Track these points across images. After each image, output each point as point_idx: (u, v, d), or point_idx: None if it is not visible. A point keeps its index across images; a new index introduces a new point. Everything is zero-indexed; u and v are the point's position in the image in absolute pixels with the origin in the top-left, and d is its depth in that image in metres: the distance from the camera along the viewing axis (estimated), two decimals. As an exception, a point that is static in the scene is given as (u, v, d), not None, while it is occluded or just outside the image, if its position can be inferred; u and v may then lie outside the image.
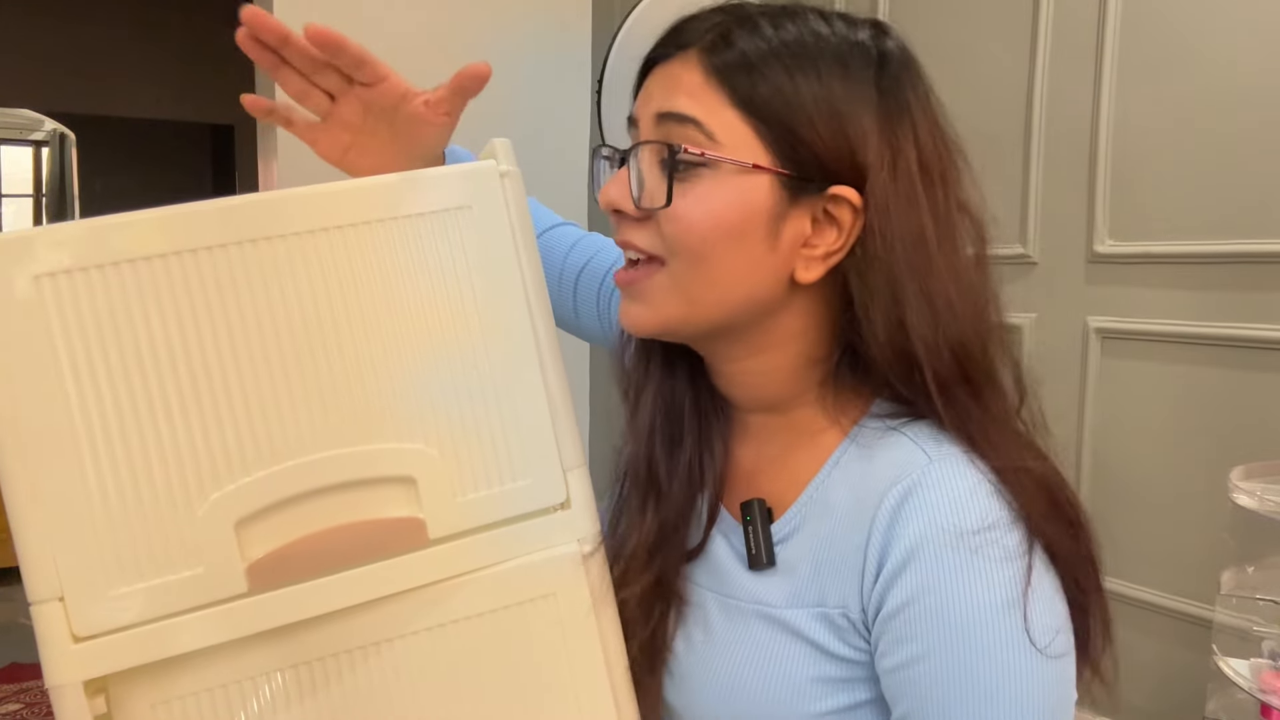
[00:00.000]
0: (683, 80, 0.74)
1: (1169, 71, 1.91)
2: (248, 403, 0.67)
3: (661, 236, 0.74)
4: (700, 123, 0.72)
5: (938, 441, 0.73)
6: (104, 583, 0.65)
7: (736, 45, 0.73)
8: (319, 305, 0.69)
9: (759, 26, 0.74)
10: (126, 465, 0.65)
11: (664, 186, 0.73)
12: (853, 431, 0.77)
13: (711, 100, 0.73)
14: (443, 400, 0.71)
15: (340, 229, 0.70)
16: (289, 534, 0.68)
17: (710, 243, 0.73)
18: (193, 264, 0.67)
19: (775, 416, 0.81)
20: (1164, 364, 1.94)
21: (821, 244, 0.74)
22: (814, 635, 0.73)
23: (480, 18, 3.16)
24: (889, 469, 0.72)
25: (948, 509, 0.69)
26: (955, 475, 0.70)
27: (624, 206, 0.75)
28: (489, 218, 0.74)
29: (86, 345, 0.65)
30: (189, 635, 0.66)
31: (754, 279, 0.74)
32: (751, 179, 0.72)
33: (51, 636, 0.64)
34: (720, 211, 0.72)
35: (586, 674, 0.75)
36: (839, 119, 0.73)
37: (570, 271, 1.02)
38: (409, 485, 0.70)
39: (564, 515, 0.74)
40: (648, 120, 0.75)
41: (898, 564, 0.69)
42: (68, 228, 0.65)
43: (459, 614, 0.72)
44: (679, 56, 0.75)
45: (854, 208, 0.73)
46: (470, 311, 0.72)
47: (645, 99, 0.77)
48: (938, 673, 0.68)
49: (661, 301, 0.75)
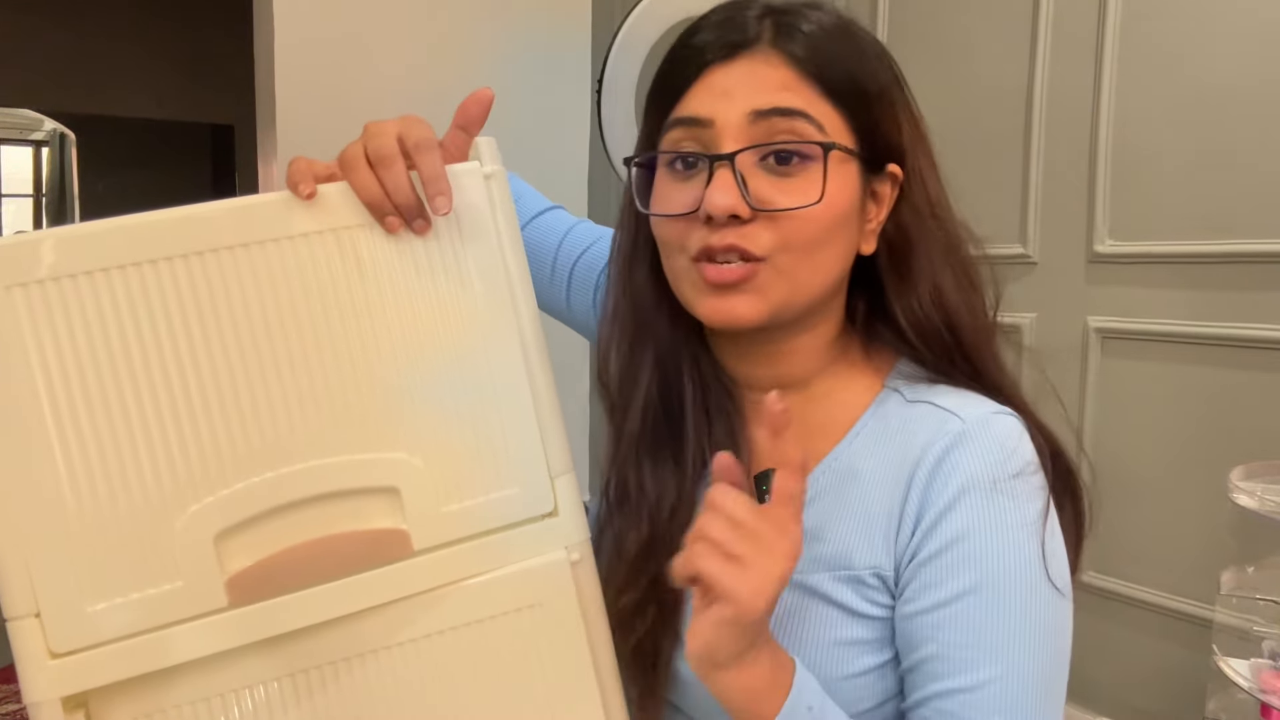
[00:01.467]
0: (770, 76, 0.74)
1: (1169, 71, 1.90)
2: (226, 413, 0.67)
3: (776, 235, 0.73)
4: (810, 115, 0.73)
5: (967, 401, 0.77)
6: (80, 598, 0.64)
7: (802, 35, 0.74)
8: (298, 313, 0.68)
9: (806, 15, 0.76)
10: (103, 478, 0.64)
11: (806, 185, 0.73)
12: (874, 403, 0.80)
13: (807, 92, 0.74)
14: (427, 408, 0.70)
15: (320, 234, 0.69)
16: (269, 547, 0.67)
17: (828, 230, 0.74)
18: (168, 272, 0.66)
19: (793, 393, 0.81)
20: (1164, 364, 1.93)
21: (874, 218, 0.79)
22: (841, 598, 0.75)
23: (480, 18, 3.15)
24: (924, 434, 0.75)
25: (993, 457, 0.73)
26: (993, 427, 0.75)
27: (741, 210, 0.72)
28: (475, 220, 0.72)
29: (60, 356, 0.64)
30: (168, 650, 0.65)
31: (845, 261, 0.78)
32: (849, 165, 0.75)
33: (28, 653, 0.63)
34: (837, 200, 0.74)
35: (576, 682, 0.74)
36: (891, 99, 0.78)
37: (564, 262, 1.00)
38: (392, 495, 0.69)
39: (552, 523, 0.74)
40: (739, 119, 0.73)
41: (940, 510, 0.73)
42: (37, 237, 0.64)
43: (446, 624, 0.71)
44: (751, 52, 0.74)
45: (894, 181, 0.78)
46: (455, 316, 0.72)
47: (723, 98, 0.74)
48: (974, 610, 0.71)
49: (769, 292, 0.75)
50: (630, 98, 2.37)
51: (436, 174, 0.69)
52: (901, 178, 0.79)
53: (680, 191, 0.76)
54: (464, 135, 0.77)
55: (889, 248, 0.79)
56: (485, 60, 3.17)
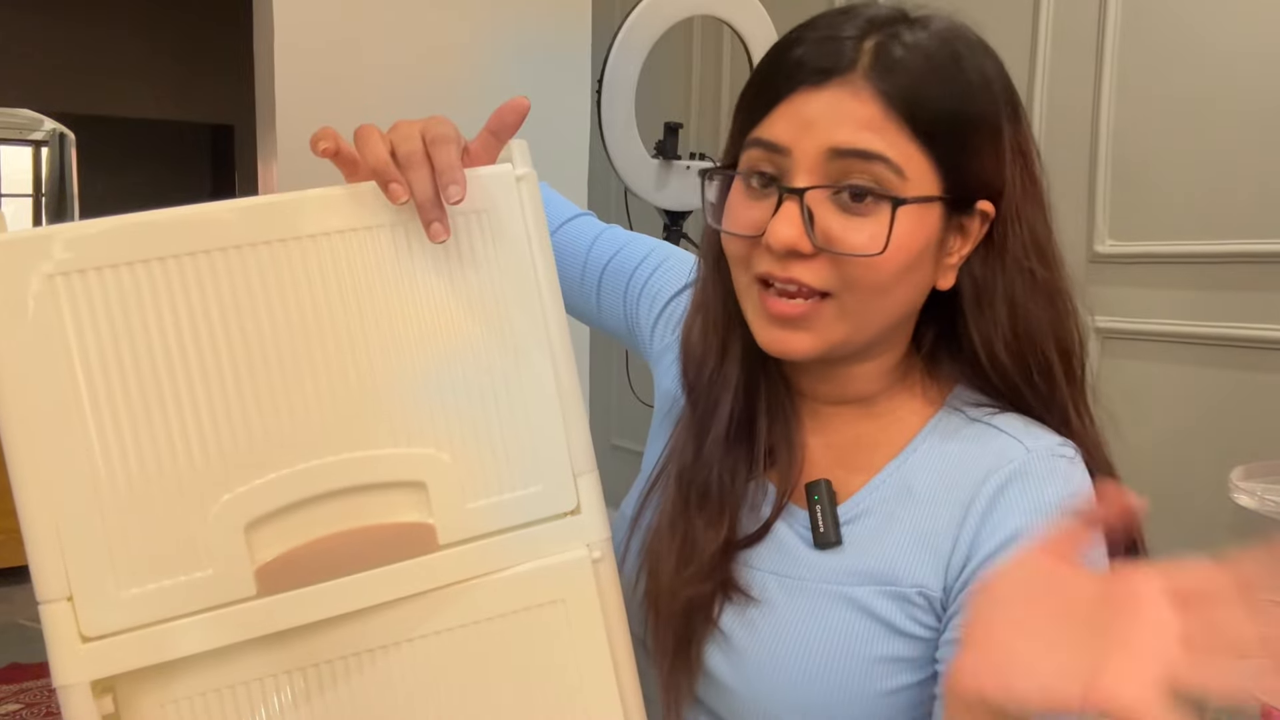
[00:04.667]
0: (856, 112, 0.70)
1: (1169, 71, 1.91)
2: (259, 405, 0.67)
3: (839, 273, 0.72)
4: (890, 160, 0.70)
5: (1032, 432, 0.75)
6: (113, 583, 0.65)
7: (900, 67, 0.71)
8: (332, 308, 0.69)
9: (909, 40, 0.72)
10: (137, 466, 0.65)
11: (875, 229, 0.70)
12: (933, 420, 0.79)
13: (892, 134, 0.70)
14: (455, 405, 0.71)
15: (354, 231, 0.70)
16: (299, 537, 0.68)
17: (895, 276, 0.72)
18: (206, 265, 0.67)
19: (854, 408, 0.81)
20: (1164, 364, 1.94)
21: (956, 253, 0.76)
22: (885, 613, 0.74)
23: (480, 18, 3.16)
24: (985, 458, 0.74)
25: (1052, 500, 0.71)
26: (1057, 464, 0.73)
27: (801, 247, 0.71)
28: (505, 221, 0.73)
29: (100, 345, 0.65)
30: (197, 637, 0.66)
31: (915, 299, 0.77)
32: (930, 209, 0.72)
33: (59, 636, 0.64)
34: (905, 245, 0.71)
35: (595, 678, 0.75)
36: (992, 132, 0.74)
37: (594, 267, 1.00)
38: (420, 490, 0.70)
39: (574, 521, 0.74)
40: (816, 153, 0.71)
41: (994, 547, 0.72)
42: (82, 227, 0.65)
43: (468, 618, 0.72)
44: (841, 81, 0.71)
45: (985, 217, 0.75)
46: (484, 316, 0.72)
47: (805, 129, 0.71)
48: None
49: (829, 330, 0.74)
50: (630, 98, 2.37)
51: (449, 164, 0.69)
52: (993, 214, 0.75)
53: (750, 210, 0.75)
54: (494, 140, 0.76)
55: (974, 285, 0.76)
56: (485, 60, 3.17)
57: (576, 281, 1.00)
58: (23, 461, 0.64)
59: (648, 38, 2.33)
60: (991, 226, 0.76)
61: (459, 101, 2.92)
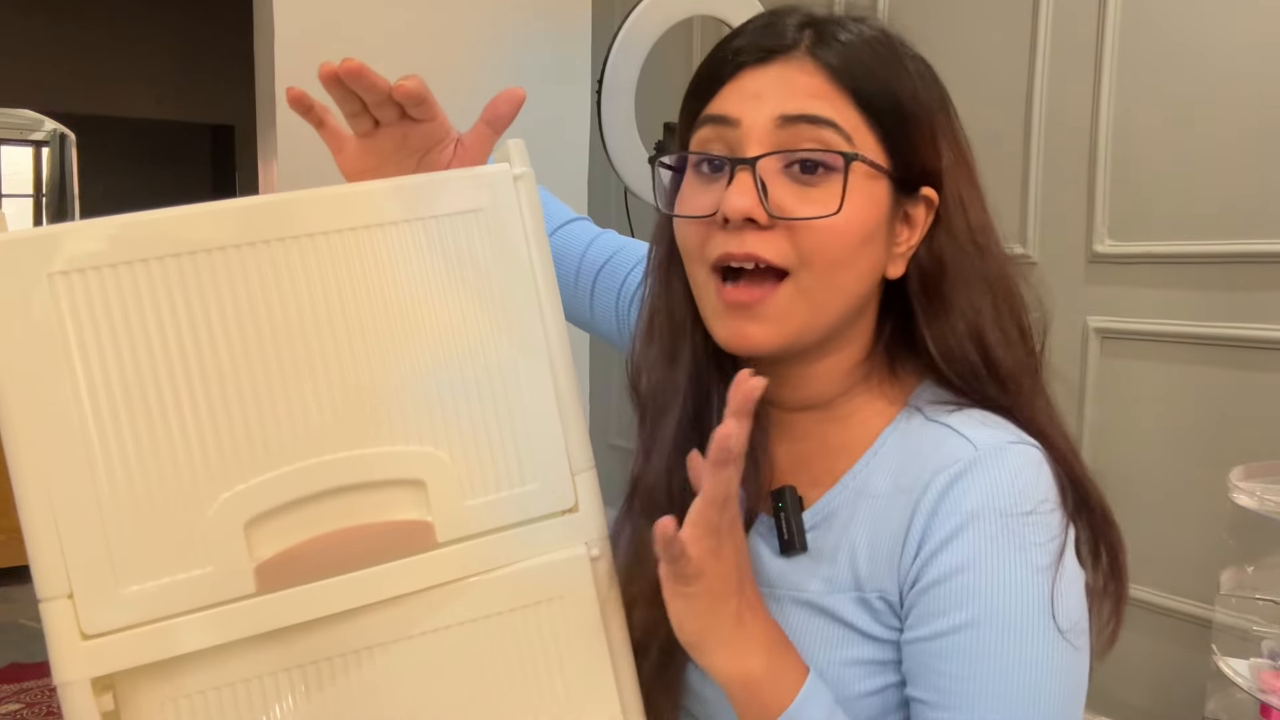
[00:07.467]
0: (802, 82, 0.72)
1: (1169, 71, 1.92)
2: (259, 403, 0.68)
3: (795, 246, 0.72)
4: (838, 125, 0.72)
5: (986, 428, 0.74)
6: (113, 581, 0.65)
7: (841, 45, 0.73)
8: (331, 307, 0.69)
9: (847, 26, 0.74)
10: (138, 464, 0.65)
11: (828, 198, 0.71)
12: (894, 421, 0.79)
13: (839, 102, 0.72)
14: (453, 403, 0.71)
15: (354, 230, 0.70)
16: (298, 535, 0.68)
17: (850, 249, 0.72)
18: (206, 265, 0.67)
19: (816, 413, 0.81)
20: (1164, 364, 1.94)
21: (905, 243, 0.76)
22: (852, 619, 0.74)
23: (480, 17, 3.16)
24: (935, 459, 0.73)
25: (1003, 489, 0.71)
26: (1008, 458, 0.72)
27: (758, 215, 0.71)
28: (502, 221, 0.73)
29: (100, 344, 0.65)
30: (197, 634, 0.66)
31: (868, 282, 0.76)
32: (878, 183, 0.74)
33: (60, 633, 0.64)
34: (860, 216, 0.72)
35: (593, 675, 0.75)
36: (931, 121, 0.75)
37: (588, 270, 1.00)
38: (418, 488, 0.70)
39: (572, 519, 0.75)
40: (765, 123, 0.72)
41: (943, 538, 0.71)
42: (83, 226, 0.65)
43: (466, 616, 0.72)
44: (786, 58, 0.73)
45: (929, 205, 0.76)
46: (482, 314, 0.73)
47: (753, 100, 0.73)
48: (973, 645, 0.69)
49: (787, 317, 0.73)
50: (630, 98, 2.38)
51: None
52: (937, 202, 0.76)
53: (702, 195, 0.75)
54: (489, 131, 0.77)
55: (921, 274, 0.77)
56: (485, 60, 3.17)
57: (571, 285, 1.00)
58: (23, 460, 0.64)
59: (648, 38, 2.34)
60: (936, 216, 0.77)
61: (459, 102, 2.90)
